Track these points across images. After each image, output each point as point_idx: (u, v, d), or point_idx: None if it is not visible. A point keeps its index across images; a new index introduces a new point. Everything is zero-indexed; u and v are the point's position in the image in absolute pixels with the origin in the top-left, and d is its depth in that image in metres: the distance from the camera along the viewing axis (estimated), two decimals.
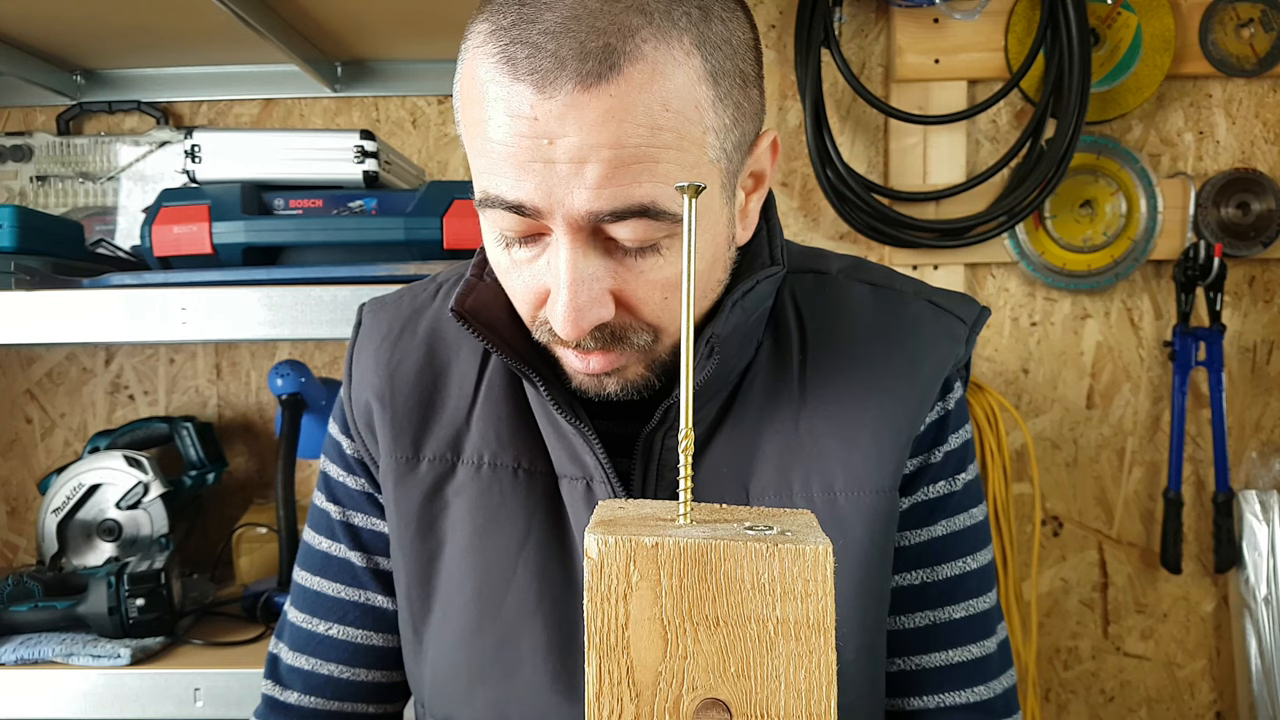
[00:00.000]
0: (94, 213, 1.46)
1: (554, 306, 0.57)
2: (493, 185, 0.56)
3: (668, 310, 0.60)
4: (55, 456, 1.51)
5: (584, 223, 0.55)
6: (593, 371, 0.61)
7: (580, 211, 0.54)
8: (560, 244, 0.56)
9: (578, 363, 0.61)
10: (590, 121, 0.52)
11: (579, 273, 0.56)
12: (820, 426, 0.66)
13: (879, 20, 1.47)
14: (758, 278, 0.64)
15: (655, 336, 0.61)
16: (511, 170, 0.55)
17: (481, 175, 0.57)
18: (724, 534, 0.39)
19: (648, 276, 0.58)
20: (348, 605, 0.75)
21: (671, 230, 0.56)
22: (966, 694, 0.70)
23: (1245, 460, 1.49)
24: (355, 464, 0.75)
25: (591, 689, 0.38)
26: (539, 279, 0.59)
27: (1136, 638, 1.53)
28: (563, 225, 0.55)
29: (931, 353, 0.68)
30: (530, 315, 0.62)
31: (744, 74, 0.58)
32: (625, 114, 0.52)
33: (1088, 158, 1.44)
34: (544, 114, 0.52)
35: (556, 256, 0.56)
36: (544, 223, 0.56)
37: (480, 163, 0.57)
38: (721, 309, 0.62)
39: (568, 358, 0.62)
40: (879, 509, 0.65)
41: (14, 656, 1.07)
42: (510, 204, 0.56)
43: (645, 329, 0.60)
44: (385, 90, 1.48)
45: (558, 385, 0.65)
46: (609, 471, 0.64)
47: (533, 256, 0.59)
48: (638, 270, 0.57)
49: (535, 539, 0.67)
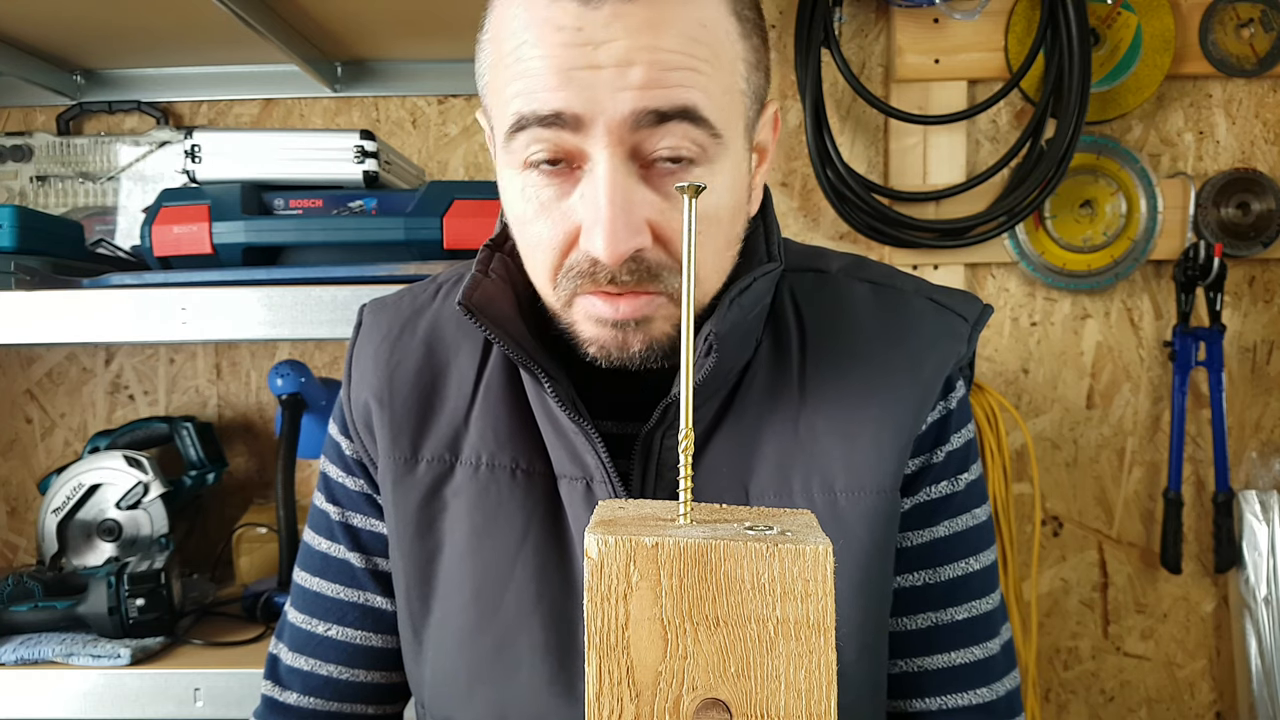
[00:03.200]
0: (94, 213, 1.46)
1: (591, 232, 0.56)
2: (527, 103, 0.56)
3: (699, 247, 0.59)
4: (55, 456, 1.51)
5: (625, 130, 0.55)
6: (622, 317, 0.59)
7: (624, 113, 0.55)
8: (598, 162, 0.56)
9: (606, 309, 0.60)
10: (634, 27, 0.54)
11: (618, 188, 0.56)
12: (820, 426, 0.66)
13: (879, 20, 1.47)
14: (755, 275, 0.63)
15: None
16: (553, 79, 0.55)
17: (514, 100, 0.57)
18: (724, 534, 0.39)
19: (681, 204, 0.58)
20: (347, 606, 0.75)
21: (707, 149, 0.57)
22: (970, 696, 0.70)
23: (1245, 460, 1.49)
24: (354, 465, 0.75)
25: (591, 689, 0.38)
26: (569, 217, 0.58)
27: (1136, 638, 1.53)
28: (602, 137, 0.55)
29: (933, 351, 0.68)
30: (555, 264, 0.60)
31: (758, 25, 0.61)
32: (666, 24, 0.55)
33: (1088, 158, 1.44)
34: (589, 23, 0.54)
35: (594, 178, 0.56)
36: (580, 141, 0.56)
37: (512, 90, 0.57)
38: (719, 306, 0.62)
39: (594, 307, 0.60)
40: (880, 509, 0.65)
41: (14, 656, 1.07)
42: (547, 115, 0.55)
43: (678, 270, 0.59)
44: (385, 90, 1.48)
45: (563, 382, 0.64)
46: (610, 471, 0.64)
47: (561, 195, 0.58)
48: (675, 198, 0.58)
49: (533, 540, 0.67)
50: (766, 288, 0.65)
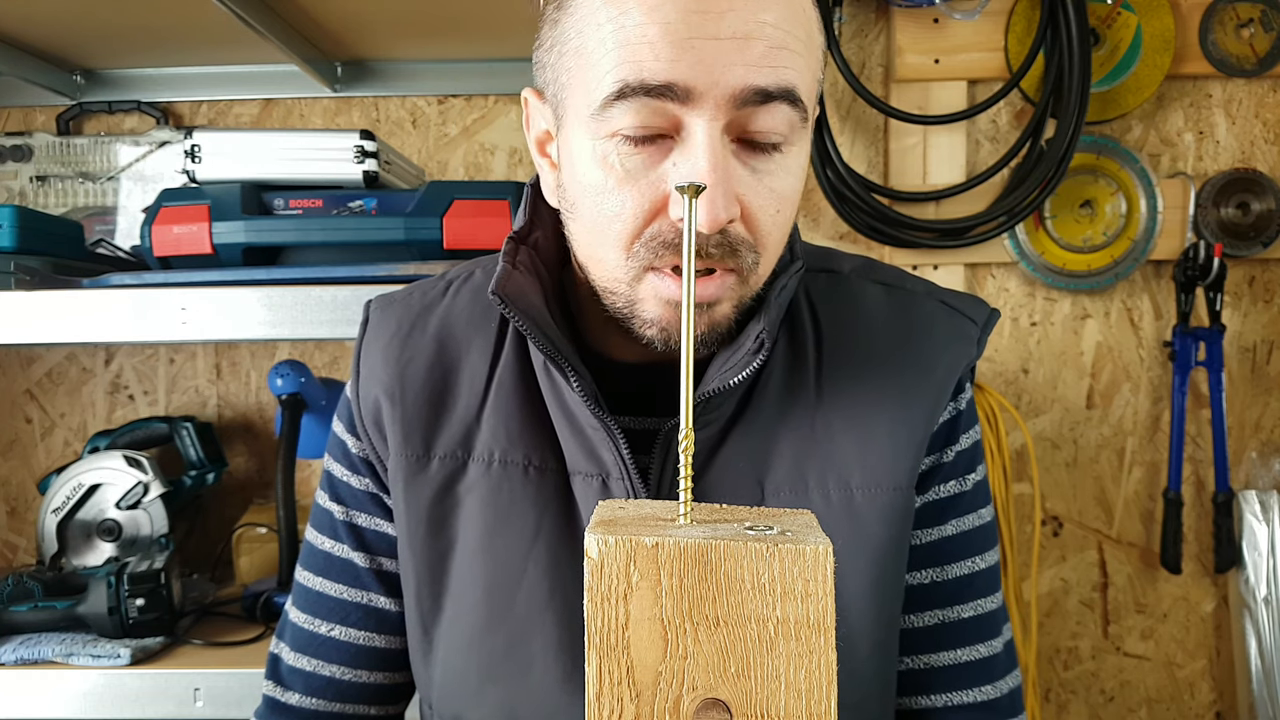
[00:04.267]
0: (94, 213, 1.46)
1: None
2: (634, 72, 0.56)
3: (776, 228, 0.60)
4: (55, 456, 1.51)
5: (733, 105, 0.56)
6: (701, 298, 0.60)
7: (737, 87, 0.55)
8: (699, 132, 0.56)
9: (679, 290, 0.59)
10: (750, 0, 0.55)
11: (719, 159, 0.56)
12: (836, 424, 0.66)
13: (879, 20, 1.47)
14: (789, 275, 0.65)
15: (756, 259, 0.61)
16: (667, 50, 0.55)
17: (621, 66, 0.56)
18: (724, 534, 0.39)
19: (767, 182, 0.59)
20: (350, 606, 0.75)
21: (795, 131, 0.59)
22: (974, 693, 0.70)
23: (1245, 460, 1.49)
24: (360, 463, 0.74)
25: (591, 689, 0.39)
26: (658, 185, 0.58)
27: (1136, 638, 1.53)
28: (708, 110, 0.56)
29: (945, 353, 0.68)
30: (634, 233, 0.59)
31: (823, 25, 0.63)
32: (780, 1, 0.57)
33: (1088, 158, 1.44)
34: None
35: (693, 147, 0.56)
36: (683, 112, 0.56)
37: (615, 56, 0.56)
38: (765, 304, 0.63)
39: (663, 288, 0.60)
40: (895, 506, 0.65)
41: (14, 656, 1.07)
42: (657, 85, 0.55)
43: (753, 248, 0.60)
44: (385, 90, 1.48)
45: (587, 378, 0.64)
46: (629, 466, 0.64)
47: (650, 164, 0.58)
48: (761, 173, 0.59)
49: (546, 537, 0.67)
50: (795, 287, 0.67)
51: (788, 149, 0.59)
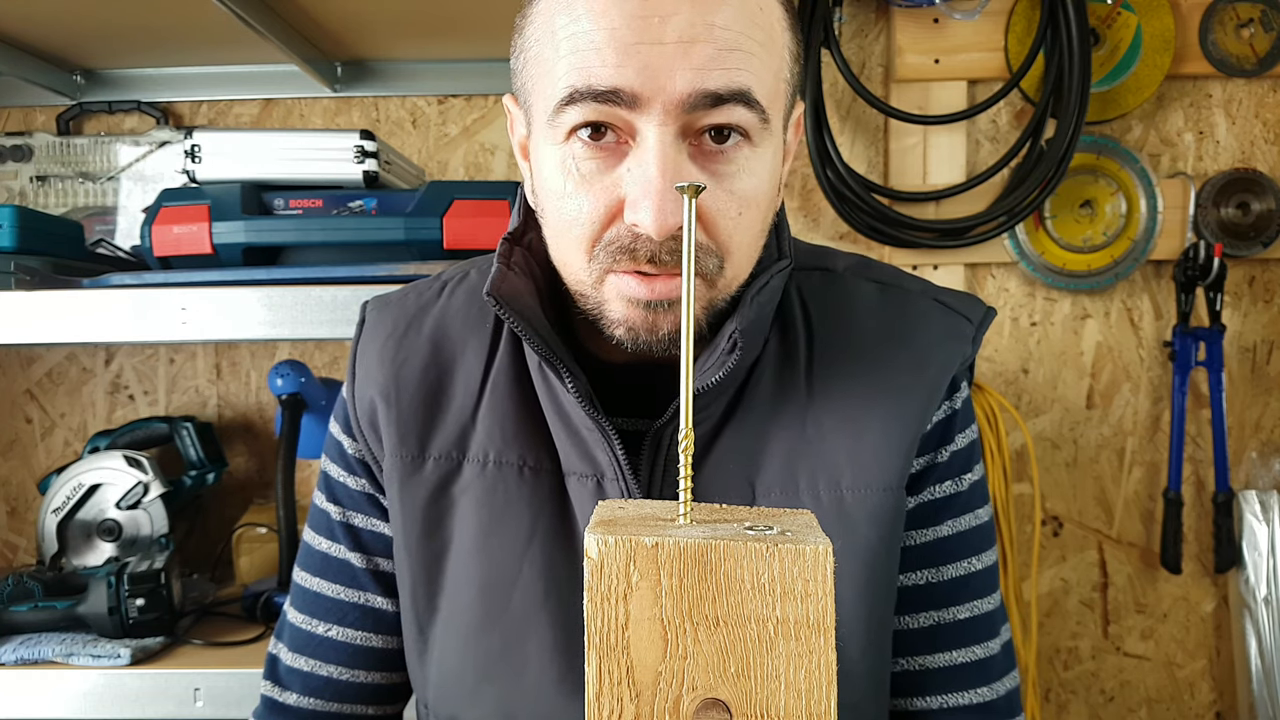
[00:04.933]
0: (94, 213, 1.46)
1: (639, 205, 0.56)
2: (582, 78, 0.56)
3: (739, 230, 0.60)
4: (55, 456, 1.51)
5: (681, 109, 0.55)
6: (656, 297, 0.59)
7: (683, 92, 0.55)
8: (649, 137, 0.56)
9: (640, 289, 0.59)
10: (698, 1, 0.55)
11: (669, 162, 0.56)
12: (828, 424, 0.66)
13: (879, 20, 1.47)
14: (771, 272, 0.64)
15: (721, 264, 0.60)
16: (613, 55, 0.55)
17: (568, 74, 0.57)
18: (724, 534, 0.39)
19: (726, 184, 0.58)
20: (347, 606, 0.75)
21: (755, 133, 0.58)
22: (970, 695, 0.70)
23: (1245, 460, 1.49)
24: (357, 464, 0.74)
25: (591, 689, 0.39)
26: (613, 191, 0.58)
27: (1136, 638, 1.53)
28: (657, 115, 0.55)
29: (939, 352, 0.68)
30: (593, 237, 0.60)
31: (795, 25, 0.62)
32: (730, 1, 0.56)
33: (1088, 158, 1.44)
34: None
35: (644, 152, 0.56)
36: (633, 117, 0.56)
37: (566, 62, 0.57)
38: (742, 303, 0.62)
39: (627, 287, 0.60)
40: (886, 507, 0.65)
41: (14, 656, 1.07)
42: (604, 91, 0.55)
43: (714, 252, 0.60)
44: (385, 90, 1.48)
45: (581, 379, 0.64)
46: (624, 467, 0.64)
47: (605, 169, 0.58)
48: (719, 176, 0.58)
49: (541, 537, 0.67)
50: (780, 285, 0.66)
51: (749, 149, 0.59)
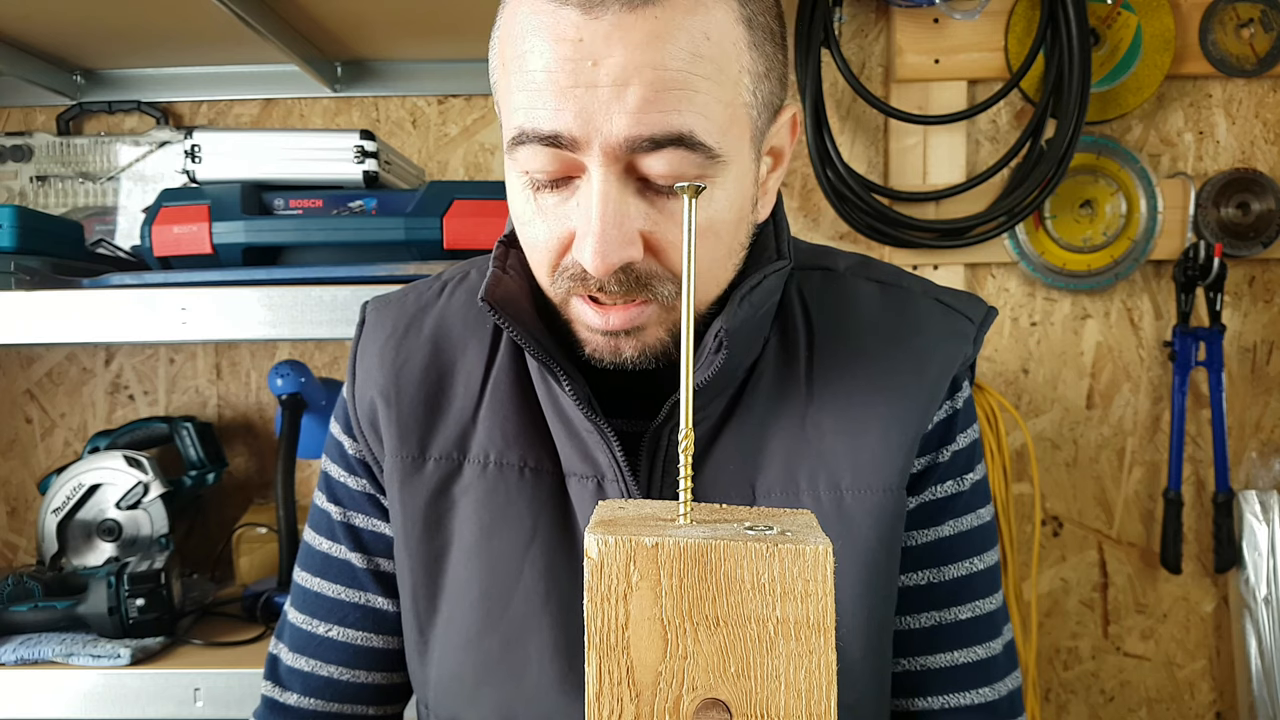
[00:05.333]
0: (94, 213, 1.46)
1: (582, 243, 0.57)
2: (529, 120, 0.56)
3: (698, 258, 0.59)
4: (55, 456, 1.51)
5: (621, 151, 0.55)
6: (612, 328, 0.60)
7: (619, 137, 0.54)
8: (593, 177, 0.56)
9: (596, 319, 0.60)
10: (635, 42, 0.53)
11: (610, 205, 0.56)
12: (827, 424, 0.66)
13: (879, 20, 1.47)
14: (765, 272, 0.64)
15: (678, 290, 0.60)
16: (551, 99, 0.55)
17: (517, 112, 0.57)
18: (724, 534, 0.39)
19: (679, 219, 0.58)
20: (348, 607, 0.75)
21: (704, 169, 0.56)
22: (972, 695, 0.70)
23: (1245, 460, 1.49)
24: (357, 464, 0.74)
25: (591, 689, 0.38)
26: (565, 223, 0.59)
27: (1136, 638, 1.53)
28: (598, 156, 0.55)
29: (939, 351, 0.68)
30: (552, 264, 0.61)
31: (772, 31, 0.60)
32: (669, 37, 0.53)
33: (1088, 158, 1.44)
34: (589, 35, 0.53)
35: (588, 191, 0.56)
36: (578, 156, 0.56)
37: (515, 100, 0.57)
38: (729, 303, 0.62)
39: (584, 315, 0.61)
40: (886, 507, 0.65)
41: (14, 656, 1.07)
42: (546, 135, 0.55)
43: (670, 279, 0.59)
44: (385, 90, 1.48)
45: (578, 380, 0.64)
46: (623, 468, 0.64)
47: (560, 201, 0.59)
48: (669, 211, 0.57)
49: (541, 539, 0.67)
50: (776, 285, 0.66)
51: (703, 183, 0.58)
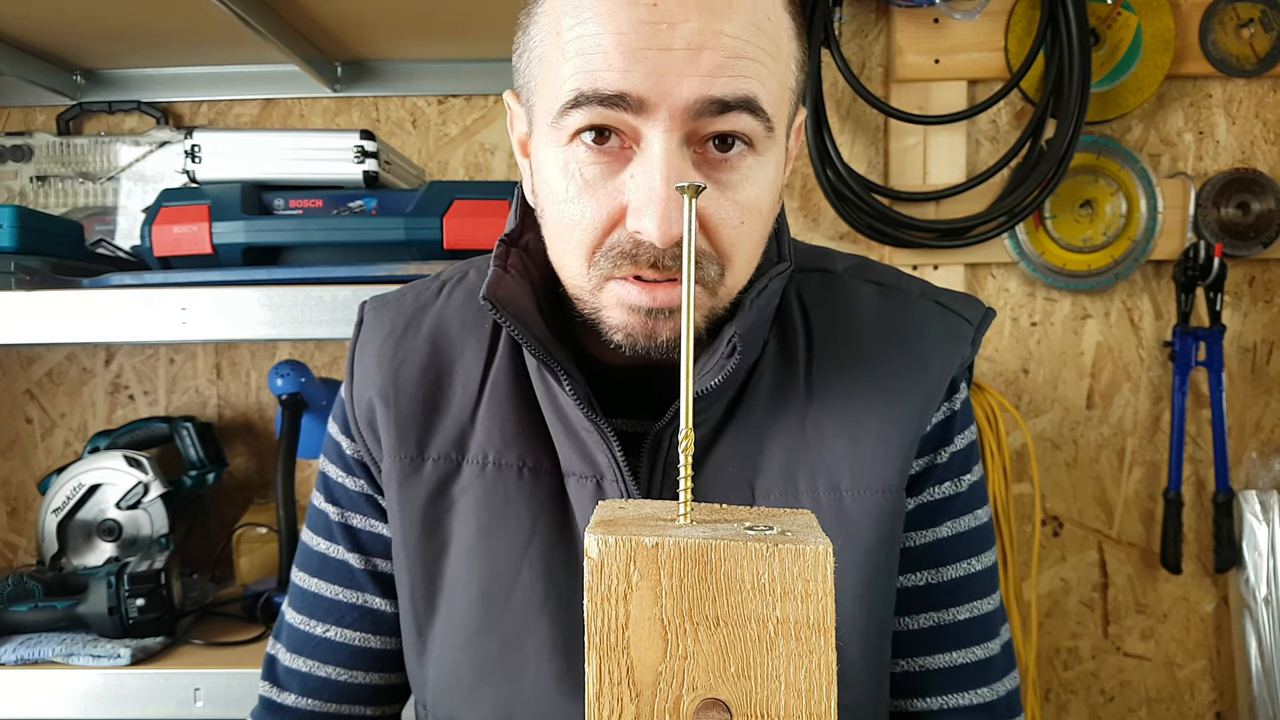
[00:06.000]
0: (94, 213, 1.46)
1: (643, 211, 0.56)
2: (589, 82, 0.56)
3: (741, 238, 0.60)
4: (55, 456, 1.51)
5: (687, 115, 0.55)
6: (657, 305, 0.59)
7: (689, 99, 0.55)
8: (654, 144, 0.56)
9: (641, 297, 0.59)
10: (710, 9, 0.55)
11: (673, 169, 0.56)
12: (826, 425, 0.66)
13: (879, 20, 1.47)
14: (770, 275, 0.64)
15: (722, 272, 0.60)
16: (620, 60, 0.55)
17: (574, 77, 0.56)
18: (724, 534, 0.39)
19: (729, 194, 0.58)
20: (345, 607, 0.75)
21: (760, 141, 0.58)
22: (970, 696, 0.70)
23: (1245, 460, 1.49)
24: (355, 465, 0.74)
25: (591, 689, 0.38)
26: (616, 197, 0.58)
27: (1136, 638, 1.53)
28: (662, 121, 0.55)
29: (938, 353, 0.68)
30: (594, 243, 0.59)
31: (801, 32, 0.62)
32: (738, 8, 0.56)
33: (1088, 158, 1.44)
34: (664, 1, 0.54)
35: (648, 159, 0.56)
36: (639, 120, 0.56)
37: (569, 67, 0.57)
38: (741, 307, 0.62)
39: (627, 295, 0.60)
40: (885, 508, 0.65)
41: (14, 656, 1.07)
42: (611, 95, 0.55)
43: (716, 259, 0.60)
44: (385, 90, 1.48)
45: (579, 381, 0.64)
46: (623, 469, 0.64)
47: (610, 174, 0.58)
48: (723, 185, 0.58)
49: (540, 538, 0.67)
50: (779, 288, 0.66)
51: (753, 158, 0.59)
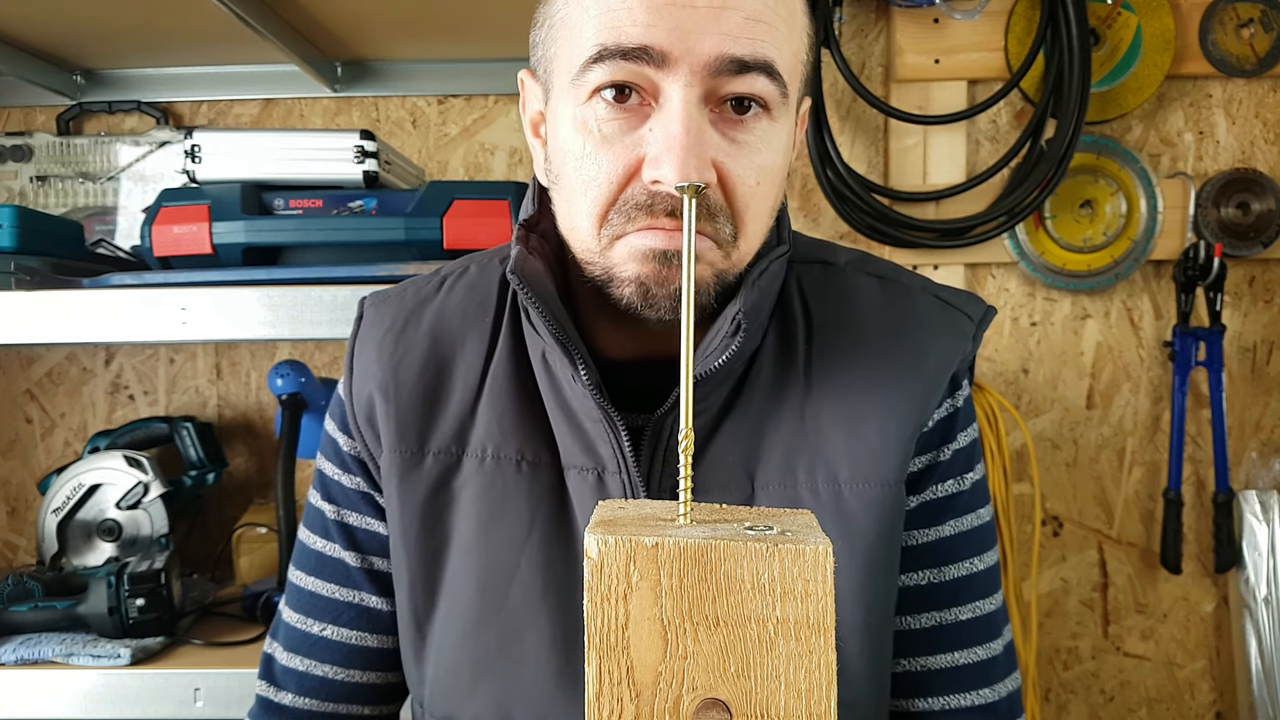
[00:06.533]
0: (94, 213, 1.46)
1: (661, 160, 0.57)
2: (612, 36, 0.57)
3: (755, 200, 0.61)
4: (55, 456, 1.51)
5: (708, 72, 0.57)
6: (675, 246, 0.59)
7: (711, 55, 0.56)
8: (674, 97, 0.57)
9: (658, 239, 0.59)
10: None
11: (692, 121, 0.57)
12: (826, 417, 0.66)
13: (879, 20, 1.47)
14: (770, 258, 0.65)
15: (734, 232, 0.61)
16: (644, 14, 0.56)
17: (599, 32, 0.57)
18: (724, 534, 0.39)
19: (746, 153, 0.59)
20: (342, 606, 0.75)
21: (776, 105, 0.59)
22: (972, 696, 0.70)
23: (1245, 460, 1.49)
24: (352, 462, 0.74)
25: (591, 689, 0.39)
26: (633, 150, 0.59)
27: (1136, 638, 1.53)
28: (685, 75, 0.56)
29: (938, 347, 0.68)
30: (610, 198, 0.60)
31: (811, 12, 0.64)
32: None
33: (1088, 158, 1.44)
34: None
35: (666, 111, 0.57)
36: (661, 75, 0.57)
37: (596, 22, 0.58)
38: (743, 286, 0.63)
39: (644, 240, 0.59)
40: (884, 502, 0.65)
41: (14, 656, 1.07)
42: (634, 48, 0.56)
43: (730, 219, 0.60)
44: (385, 90, 1.48)
45: (593, 368, 0.64)
46: (628, 460, 0.64)
47: (627, 129, 0.59)
48: (740, 144, 0.59)
49: (539, 532, 0.67)
50: (779, 270, 0.66)
51: (768, 121, 0.60)
